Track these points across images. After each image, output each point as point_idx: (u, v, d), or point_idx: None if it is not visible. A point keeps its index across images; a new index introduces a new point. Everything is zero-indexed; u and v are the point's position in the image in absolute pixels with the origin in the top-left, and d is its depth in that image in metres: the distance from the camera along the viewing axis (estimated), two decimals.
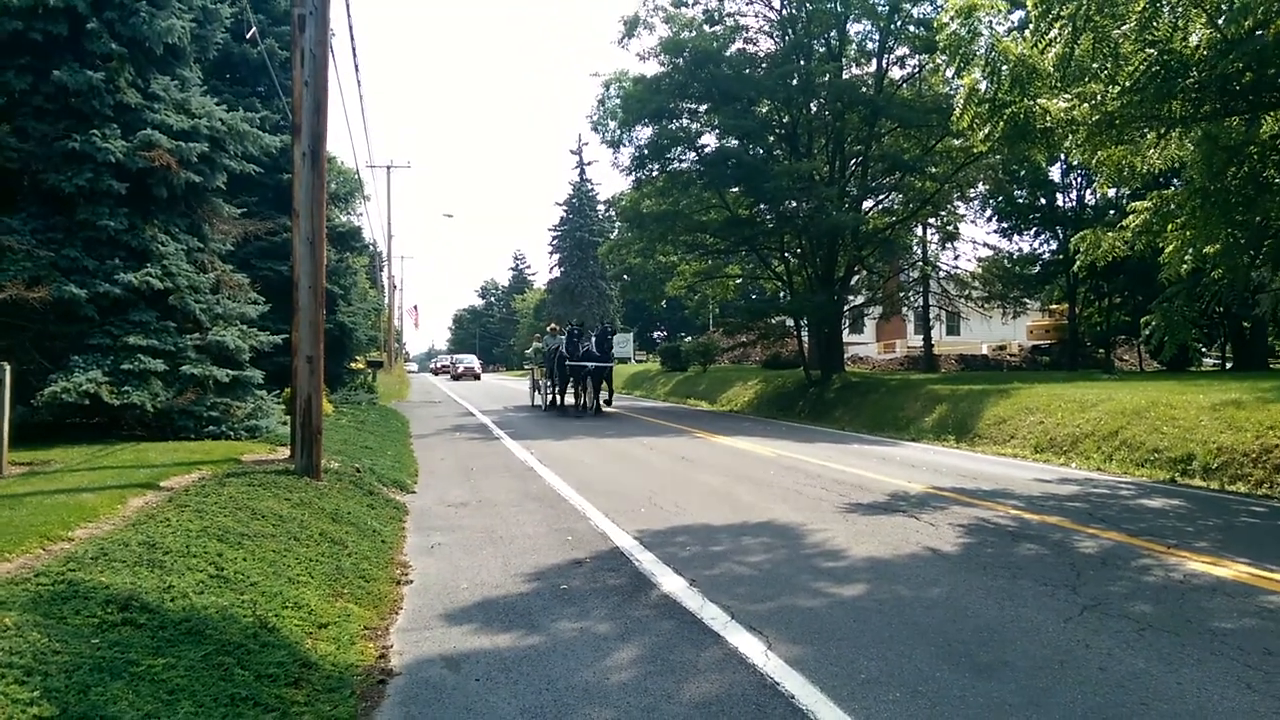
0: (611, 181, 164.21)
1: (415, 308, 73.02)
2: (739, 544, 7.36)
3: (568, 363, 22.97)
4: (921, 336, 37.29)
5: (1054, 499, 9.69)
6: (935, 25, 11.81)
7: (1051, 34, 10.03)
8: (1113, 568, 6.44)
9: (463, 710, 4.03)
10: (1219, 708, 3.91)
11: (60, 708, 3.10)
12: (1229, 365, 29.80)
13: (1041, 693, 4.10)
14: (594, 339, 22.49)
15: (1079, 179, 29.84)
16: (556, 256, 76.43)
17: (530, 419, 21.98)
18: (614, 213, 41.07)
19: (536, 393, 26.92)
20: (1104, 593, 5.73)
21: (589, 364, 22.47)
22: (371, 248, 42.08)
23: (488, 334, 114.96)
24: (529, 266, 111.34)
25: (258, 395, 12.94)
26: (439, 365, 77.72)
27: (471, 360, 65.52)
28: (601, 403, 23.44)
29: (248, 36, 14.22)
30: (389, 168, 48.77)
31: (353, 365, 26.99)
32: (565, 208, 76.42)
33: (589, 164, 78.36)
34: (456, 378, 58.06)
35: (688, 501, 9.44)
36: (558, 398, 24.59)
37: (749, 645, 4.79)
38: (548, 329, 26.63)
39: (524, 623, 5.30)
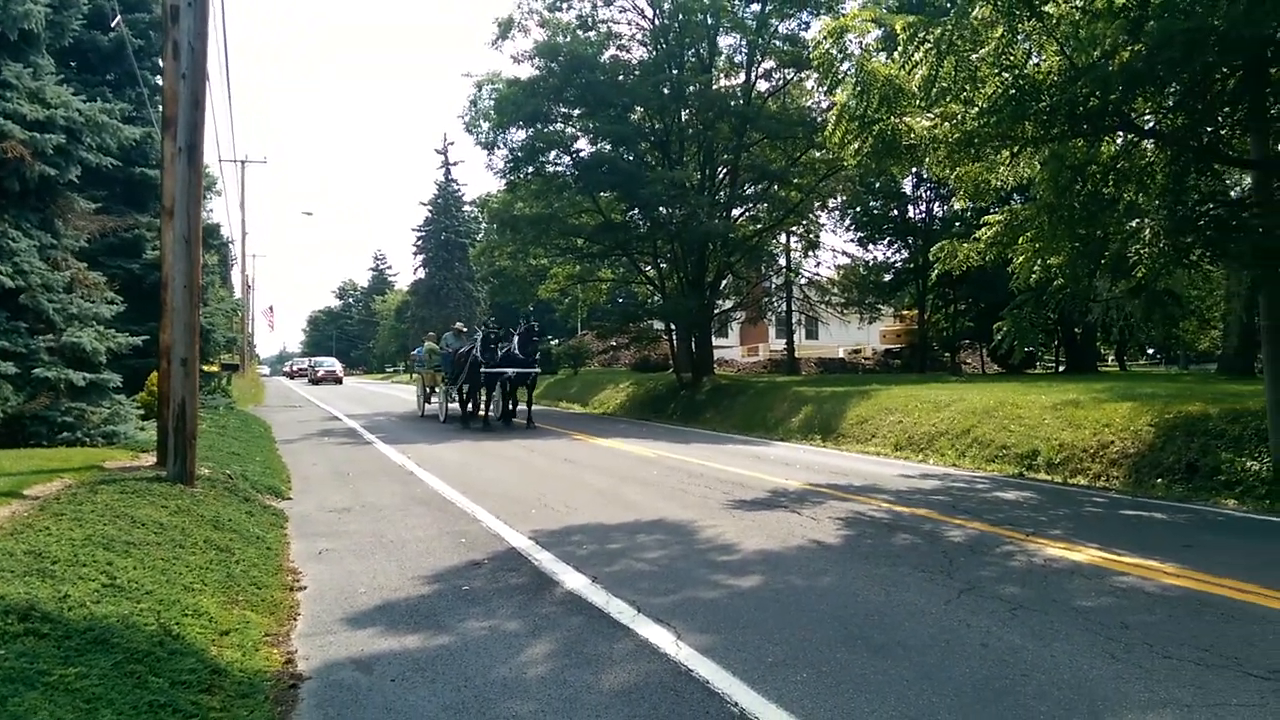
0: (479, 181, 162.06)
1: (271, 308, 70.01)
2: (634, 541, 7.53)
3: (483, 369, 19.17)
4: (783, 340, 38.54)
5: (919, 493, 10.31)
6: (812, 44, 12.33)
7: (917, 57, 10.65)
8: (981, 554, 6.95)
9: (383, 710, 4.02)
10: (1090, 675, 4.33)
11: None
12: (1062, 368, 32.22)
13: (933, 668, 4.44)
14: (516, 339, 19.21)
15: (929, 192, 31.60)
16: (421, 257, 74.82)
17: (402, 424, 21.54)
18: (482, 214, 40.66)
19: (428, 402, 23.89)
20: (976, 577, 6.20)
21: (509, 370, 19.15)
22: (230, 246, 40.29)
23: (345, 336, 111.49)
24: (390, 267, 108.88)
25: (115, 399, 12.27)
26: (295, 368, 74.14)
27: (332, 363, 63.36)
28: (529, 416, 20.19)
29: (112, 25, 13.42)
30: (243, 162, 46.66)
31: (207, 368, 25.75)
32: (430, 208, 74.90)
33: (455, 164, 77.30)
34: (315, 382, 55.88)
35: (577, 502, 9.55)
36: (470, 407, 20.76)
37: (659, 636, 4.95)
38: (453, 326, 23.49)
39: (430, 624, 5.29)
